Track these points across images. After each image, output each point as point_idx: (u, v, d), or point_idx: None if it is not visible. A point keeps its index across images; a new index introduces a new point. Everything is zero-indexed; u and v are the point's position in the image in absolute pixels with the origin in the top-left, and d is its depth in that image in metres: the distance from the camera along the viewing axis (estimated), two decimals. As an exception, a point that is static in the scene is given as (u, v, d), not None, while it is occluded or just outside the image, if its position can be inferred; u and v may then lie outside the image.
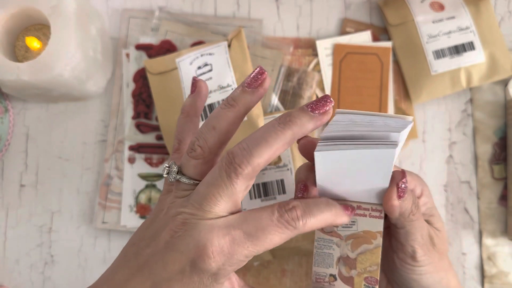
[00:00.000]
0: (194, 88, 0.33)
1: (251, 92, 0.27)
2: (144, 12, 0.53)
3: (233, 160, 0.25)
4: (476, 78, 0.50)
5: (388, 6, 0.52)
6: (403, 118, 0.26)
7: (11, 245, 0.50)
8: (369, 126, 0.26)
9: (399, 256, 0.31)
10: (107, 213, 0.49)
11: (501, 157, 0.51)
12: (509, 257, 0.49)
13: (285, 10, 0.54)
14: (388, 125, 0.26)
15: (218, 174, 0.25)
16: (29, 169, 0.51)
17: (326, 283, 0.30)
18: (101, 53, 0.49)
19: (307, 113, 0.26)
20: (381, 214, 0.28)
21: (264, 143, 0.25)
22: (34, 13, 0.46)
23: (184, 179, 0.27)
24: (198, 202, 0.26)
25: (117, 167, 0.50)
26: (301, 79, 0.51)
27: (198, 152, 0.27)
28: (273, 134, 0.25)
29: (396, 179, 0.27)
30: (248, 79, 0.28)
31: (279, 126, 0.25)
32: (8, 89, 0.47)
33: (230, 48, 0.48)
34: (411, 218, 0.29)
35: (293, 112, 0.26)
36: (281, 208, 0.26)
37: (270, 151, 0.25)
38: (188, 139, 0.31)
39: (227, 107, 0.27)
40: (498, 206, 0.50)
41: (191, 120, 0.32)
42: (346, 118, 0.27)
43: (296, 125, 0.25)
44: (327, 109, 0.26)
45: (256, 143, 0.25)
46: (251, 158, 0.25)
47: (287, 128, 0.25)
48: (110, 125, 0.51)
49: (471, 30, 0.50)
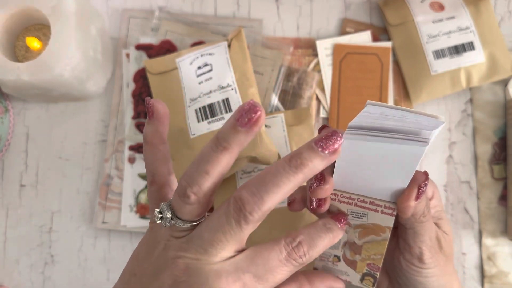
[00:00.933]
0: (151, 112, 0.28)
1: (245, 132, 0.25)
2: (144, 12, 0.53)
3: (243, 207, 0.24)
4: (476, 78, 0.50)
5: (388, 6, 0.52)
6: (436, 117, 0.26)
7: (11, 245, 0.50)
8: (400, 121, 0.25)
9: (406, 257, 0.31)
10: (107, 213, 0.49)
11: (501, 157, 0.51)
12: (509, 257, 0.49)
13: (285, 10, 0.54)
14: (419, 123, 0.25)
15: (225, 221, 0.24)
16: (29, 169, 0.51)
17: (329, 262, 0.31)
18: (101, 53, 0.49)
19: (318, 154, 0.24)
20: (393, 212, 0.28)
21: (275, 189, 0.24)
22: (34, 13, 0.46)
23: (180, 223, 0.26)
24: (202, 247, 0.25)
25: (117, 167, 0.50)
26: (301, 79, 0.51)
27: (193, 199, 0.25)
28: (285, 180, 0.24)
29: (419, 180, 0.27)
30: (239, 114, 0.24)
31: (291, 170, 0.24)
32: (8, 89, 0.47)
33: (230, 48, 0.48)
34: (421, 220, 0.28)
35: (304, 153, 0.24)
36: (288, 246, 0.25)
37: (281, 196, 0.24)
38: (161, 169, 0.29)
39: (220, 150, 0.25)
40: (498, 206, 0.50)
41: (158, 149, 0.29)
42: (377, 110, 0.26)
43: (307, 168, 0.24)
44: (336, 147, 0.25)
45: (267, 189, 0.24)
46: (263, 205, 0.24)
47: (299, 172, 0.24)
48: (110, 125, 0.51)
49: (471, 30, 0.50)
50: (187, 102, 0.47)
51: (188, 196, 0.25)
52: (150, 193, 0.29)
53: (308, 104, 0.51)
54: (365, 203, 0.29)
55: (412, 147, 0.25)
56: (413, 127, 0.25)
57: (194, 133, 0.46)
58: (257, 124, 0.25)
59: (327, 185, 0.28)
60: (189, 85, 0.47)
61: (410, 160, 0.25)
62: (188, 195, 0.25)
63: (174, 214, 0.26)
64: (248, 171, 0.48)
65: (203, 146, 0.26)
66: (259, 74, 0.51)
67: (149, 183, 0.29)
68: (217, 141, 0.25)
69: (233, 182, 0.48)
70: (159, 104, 0.29)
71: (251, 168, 0.48)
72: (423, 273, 0.31)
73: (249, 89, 0.46)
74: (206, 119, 0.46)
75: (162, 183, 0.29)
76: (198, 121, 0.46)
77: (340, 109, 0.51)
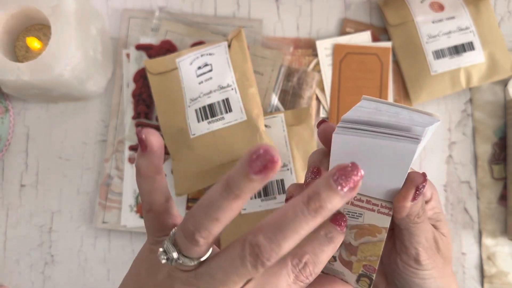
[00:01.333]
0: (145, 146, 0.26)
1: (259, 181, 0.22)
2: (144, 12, 0.53)
3: (261, 254, 0.23)
4: (476, 78, 0.50)
5: (388, 6, 0.52)
6: (431, 114, 0.25)
7: (11, 245, 0.50)
8: (394, 117, 0.25)
9: (403, 258, 0.30)
10: (107, 213, 0.49)
11: (501, 157, 0.51)
12: (508, 257, 0.49)
13: (285, 10, 0.54)
14: (413, 119, 0.25)
15: (240, 264, 0.23)
16: (29, 169, 0.51)
17: None
18: (101, 53, 0.49)
19: (338, 193, 0.22)
20: (389, 212, 0.28)
21: (294, 234, 0.23)
22: (34, 13, 0.46)
23: (188, 261, 0.25)
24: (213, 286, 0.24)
25: (117, 167, 0.50)
26: (301, 79, 0.51)
27: (202, 243, 0.24)
28: (304, 225, 0.23)
29: (417, 181, 0.27)
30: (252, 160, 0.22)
31: (310, 215, 0.22)
32: (9, 89, 0.47)
33: (230, 48, 0.48)
34: (416, 221, 0.28)
35: (322, 194, 0.22)
36: (295, 268, 0.26)
37: (298, 240, 0.23)
38: (158, 199, 0.28)
39: (232, 198, 0.23)
40: (498, 206, 0.50)
41: (154, 180, 0.27)
42: (371, 105, 0.26)
43: (326, 211, 0.23)
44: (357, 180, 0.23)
45: (285, 236, 0.23)
46: (280, 251, 0.23)
47: (318, 216, 0.23)
48: (110, 125, 0.51)
49: (471, 30, 0.50)
50: (187, 102, 0.47)
51: (197, 241, 0.24)
52: (147, 220, 0.28)
53: (308, 104, 0.51)
54: (361, 202, 0.28)
55: (404, 144, 0.24)
56: (407, 124, 0.25)
57: (194, 133, 0.46)
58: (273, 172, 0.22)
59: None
60: (189, 85, 0.47)
61: (403, 158, 0.25)
62: (197, 240, 0.24)
63: (180, 252, 0.25)
64: (248, 171, 0.48)
65: (212, 189, 0.24)
66: (259, 74, 0.51)
67: (146, 211, 0.28)
68: (229, 188, 0.23)
69: (233, 182, 0.48)
70: (153, 137, 0.27)
71: (251, 168, 0.48)
72: (420, 274, 0.30)
73: (249, 89, 0.46)
74: (206, 119, 0.46)
75: (160, 212, 0.28)
76: (198, 121, 0.46)
77: (340, 109, 0.51)
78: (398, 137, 0.24)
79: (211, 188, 0.24)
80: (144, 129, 0.27)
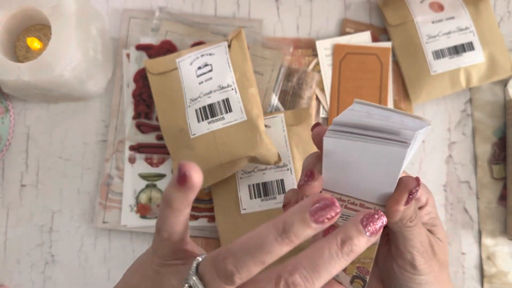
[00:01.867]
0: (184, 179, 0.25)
1: (316, 229, 0.22)
2: (144, 12, 0.54)
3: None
4: (476, 78, 0.50)
5: (387, 7, 0.52)
6: (422, 119, 0.25)
7: (11, 245, 0.50)
8: (385, 121, 0.25)
9: (399, 263, 0.30)
10: (107, 213, 0.50)
11: (501, 157, 0.51)
12: (508, 256, 0.49)
13: (285, 10, 0.54)
14: (404, 123, 0.25)
15: None
16: (29, 169, 0.51)
17: None
18: (101, 53, 0.50)
19: (366, 237, 0.24)
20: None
21: (327, 275, 0.23)
22: (34, 13, 0.46)
23: None
24: None
25: (117, 167, 0.50)
26: (301, 79, 0.51)
27: (237, 283, 0.23)
28: (338, 266, 0.23)
29: (410, 185, 0.27)
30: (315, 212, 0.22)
31: (343, 258, 0.23)
32: (9, 89, 0.47)
33: (230, 48, 0.48)
34: (409, 225, 0.28)
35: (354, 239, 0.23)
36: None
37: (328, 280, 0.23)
38: (179, 230, 0.27)
39: (286, 243, 0.22)
40: (498, 206, 0.50)
41: (181, 213, 0.26)
42: (363, 108, 0.26)
43: (356, 254, 0.24)
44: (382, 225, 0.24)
45: (320, 276, 0.23)
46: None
47: (349, 258, 0.23)
48: (111, 125, 0.51)
49: (471, 30, 0.50)
50: (187, 102, 0.47)
51: (234, 281, 0.23)
52: (161, 246, 0.27)
53: (308, 104, 0.51)
54: (355, 205, 0.28)
55: (394, 148, 0.24)
56: (397, 127, 0.25)
57: (194, 133, 0.46)
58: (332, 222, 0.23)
59: (315, 181, 0.27)
60: (189, 85, 0.47)
61: (394, 162, 0.25)
62: (234, 281, 0.23)
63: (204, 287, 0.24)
64: (248, 171, 0.48)
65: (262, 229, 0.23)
66: (259, 74, 0.51)
67: (163, 239, 0.27)
68: (284, 232, 0.22)
69: (233, 182, 0.48)
70: (196, 173, 0.25)
71: (251, 168, 0.48)
72: (416, 279, 0.30)
73: (249, 89, 0.47)
74: (206, 119, 0.46)
75: (178, 240, 0.27)
76: (198, 121, 0.46)
77: (340, 109, 0.51)
78: (388, 141, 0.24)
79: (260, 227, 0.23)
80: (186, 164, 0.25)
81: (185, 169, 0.24)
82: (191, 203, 0.26)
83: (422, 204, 0.32)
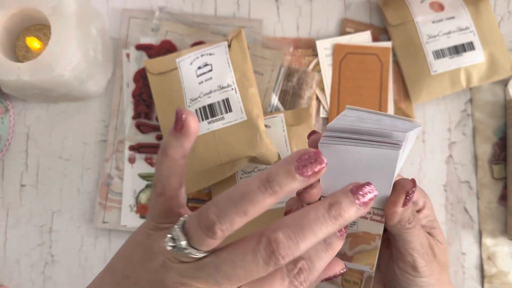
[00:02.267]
0: (181, 125, 0.25)
1: (302, 182, 0.22)
2: (144, 12, 0.53)
3: (277, 250, 0.22)
4: (476, 78, 0.50)
5: (388, 6, 0.52)
6: (412, 121, 0.26)
7: (11, 245, 0.50)
8: (376, 124, 0.26)
9: (400, 265, 0.31)
10: (107, 213, 0.49)
11: (501, 157, 0.51)
12: (508, 257, 0.49)
13: (285, 10, 0.54)
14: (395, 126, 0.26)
15: (252, 259, 0.22)
16: (29, 169, 0.51)
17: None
18: (101, 53, 0.50)
19: (356, 205, 0.23)
20: (382, 219, 0.28)
21: (312, 236, 0.22)
22: (34, 13, 0.46)
23: (194, 252, 0.23)
24: (216, 280, 0.23)
25: (117, 167, 0.50)
26: (301, 79, 0.51)
27: (218, 235, 0.22)
28: (324, 229, 0.23)
29: (407, 187, 0.27)
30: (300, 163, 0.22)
31: (330, 221, 0.23)
32: (9, 89, 0.47)
33: (230, 48, 0.48)
34: (408, 226, 0.29)
35: (343, 204, 0.23)
36: (290, 273, 0.25)
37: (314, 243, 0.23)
38: (174, 183, 0.27)
39: (269, 194, 0.22)
40: (498, 206, 0.50)
41: (176, 163, 0.26)
42: (354, 113, 0.27)
43: (344, 220, 0.23)
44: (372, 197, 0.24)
45: (304, 235, 0.22)
46: (296, 251, 0.22)
47: (337, 223, 0.23)
48: (111, 125, 0.51)
49: (471, 30, 0.50)
50: (187, 102, 0.47)
51: (215, 232, 0.22)
52: (156, 204, 0.27)
53: (308, 104, 0.51)
54: None
55: (386, 151, 0.25)
56: (389, 129, 0.25)
57: (194, 133, 0.46)
58: (317, 175, 0.22)
59: (314, 189, 0.27)
60: (189, 85, 0.47)
61: (387, 164, 0.25)
62: (215, 231, 0.22)
63: (188, 242, 0.23)
64: (248, 171, 0.48)
65: (245, 181, 0.23)
66: (259, 74, 0.51)
67: (157, 194, 0.27)
68: (268, 182, 0.22)
69: (233, 182, 0.48)
70: (193, 119, 0.26)
71: (251, 168, 0.48)
72: (418, 282, 0.30)
73: (249, 89, 0.46)
74: (206, 119, 0.46)
75: (170, 196, 0.27)
76: (198, 121, 0.46)
77: (340, 109, 0.51)
78: (380, 144, 0.25)
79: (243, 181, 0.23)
80: (185, 110, 0.26)
81: (183, 113, 0.25)
82: (187, 153, 0.26)
83: (419, 207, 0.32)
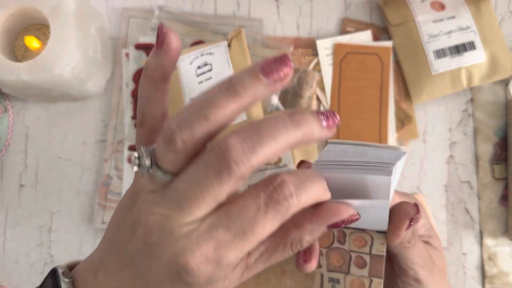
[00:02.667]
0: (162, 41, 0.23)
1: (266, 84, 0.20)
2: (144, 11, 0.53)
3: (228, 154, 0.20)
4: (477, 78, 0.50)
5: (388, 6, 0.52)
6: (397, 148, 0.25)
7: (11, 245, 0.50)
8: (361, 157, 0.25)
9: (403, 280, 0.31)
10: (107, 213, 0.49)
11: (502, 157, 0.51)
12: (509, 257, 0.49)
13: (285, 10, 0.54)
14: (380, 157, 0.25)
15: (203, 171, 0.20)
16: (28, 169, 0.51)
17: None
18: (100, 53, 0.49)
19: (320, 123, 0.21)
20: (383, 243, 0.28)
21: (271, 141, 0.20)
22: (33, 12, 0.46)
23: (160, 174, 0.22)
24: (176, 201, 0.21)
25: (116, 167, 0.50)
26: (301, 79, 0.51)
27: (180, 147, 0.20)
28: (284, 133, 0.20)
29: (410, 213, 0.26)
30: (265, 64, 0.20)
31: (292, 125, 0.20)
32: (8, 89, 0.47)
33: (230, 48, 0.48)
34: (407, 246, 0.29)
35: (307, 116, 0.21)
36: (267, 186, 0.21)
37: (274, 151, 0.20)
38: (154, 110, 0.24)
39: (231, 95, 0.20)
40: (499, 206, 0.50)
41: (157, 87, 0.24)
42: (338, 148, 0.26)
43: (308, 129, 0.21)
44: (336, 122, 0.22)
45: (261, 139, 0.20)
46: (252, 156, 0.20)
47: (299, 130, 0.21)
48: (110, 125, 0.51)
49: (472, 29, 0.50)
50: (187, 102, 0.47)
51: (175, 142, 0.20)
52: (138, 135, 0.25)
53: (308, 104, 0.51)
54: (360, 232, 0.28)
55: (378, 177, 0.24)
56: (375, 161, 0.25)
57: (194, 133, 0.46)
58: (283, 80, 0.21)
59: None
60: (189, 84, 0.47)
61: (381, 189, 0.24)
62: (175, 141, 0.20)
63: (154, 162, 0.22)
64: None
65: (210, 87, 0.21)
66: (259, 74, 0.51)
67: (138, 125, 0.25)
68: (229, 83, 0.20)
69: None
70: (174, 35, 0.23)
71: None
72: None
73: (249, 89, 0.46)
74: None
75: (152, 127, 0.24)
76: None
77: (340, 109, 0.51)
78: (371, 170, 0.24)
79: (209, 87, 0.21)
80: (166, 27, 0.23)
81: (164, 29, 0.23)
82: (168, 77, 0.24)
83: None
